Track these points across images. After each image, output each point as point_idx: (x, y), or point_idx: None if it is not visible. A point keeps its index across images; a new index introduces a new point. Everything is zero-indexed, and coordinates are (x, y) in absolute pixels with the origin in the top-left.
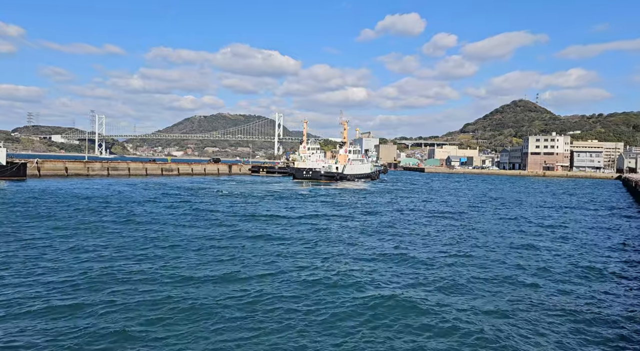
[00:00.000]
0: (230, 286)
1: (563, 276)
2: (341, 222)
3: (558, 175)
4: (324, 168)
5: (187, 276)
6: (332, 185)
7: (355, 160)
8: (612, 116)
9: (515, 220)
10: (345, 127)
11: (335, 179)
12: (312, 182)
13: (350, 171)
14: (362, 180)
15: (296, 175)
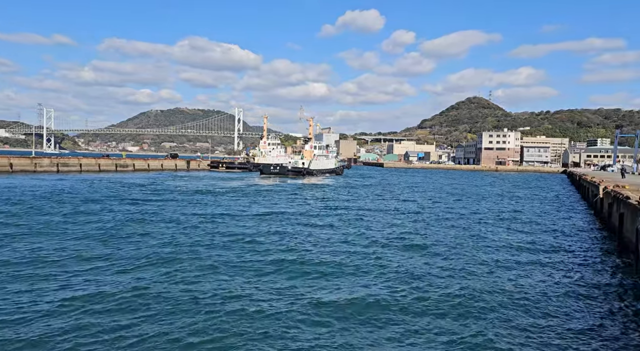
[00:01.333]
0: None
1: (517, 266)
2: (309, 221)
3: (509, 170)
4: (291, 164)
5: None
6: (299, 181)
7: (320, 155)
8: (559, 113)
9: (472, 212)
10: (311, 123)
11: (302, 174)
12: (279, 177)
13: (316, 166)
14: (328, 175)
15: (264, 170)
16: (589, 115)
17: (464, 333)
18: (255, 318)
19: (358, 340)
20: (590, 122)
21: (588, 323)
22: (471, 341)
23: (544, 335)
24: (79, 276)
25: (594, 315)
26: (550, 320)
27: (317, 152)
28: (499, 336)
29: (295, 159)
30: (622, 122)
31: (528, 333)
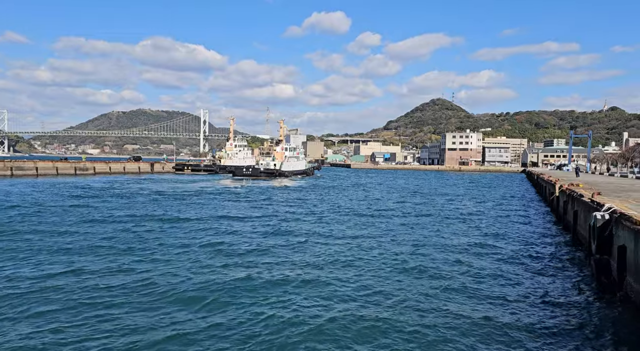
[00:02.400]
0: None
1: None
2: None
3: (472, 170)
4: (263, 165)
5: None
6: (270, 182)
7: (291, 157)
8: (518, 114)
9: (434, 212)
10: (282, 125)
11: (274, 175)
12: (251, 178)
13: (288, 168)
14: (299, 177)
15: (236, 172)
16: (546, 117)
17: (424, 330)
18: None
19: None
20: (546, 123)
21: (544, 308)
22: (430, 339)
23: (502, 323)
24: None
25: (550, 301)
26: (509, 308)
27: (288, 154)
28: (456, 330)
29: (267, 161)
30: (576, 123)
31: (486, 322)
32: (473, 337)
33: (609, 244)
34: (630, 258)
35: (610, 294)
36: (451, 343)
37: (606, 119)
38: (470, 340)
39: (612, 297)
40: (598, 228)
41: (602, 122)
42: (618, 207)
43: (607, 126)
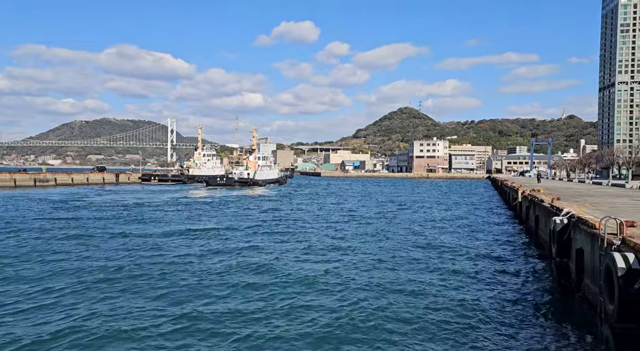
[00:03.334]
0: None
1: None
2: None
3: (439, 177)
4: (236, 175)
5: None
6: (244, 191)
7: (264, 166)
8: (482, 122)
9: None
10: (254, 134)
11: (249, 184)
12: (226, 188)
13: (261, 177)
14: (273, 185)
15: (210, 182)
16: (509, 125)
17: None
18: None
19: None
20: (509, 130)
21: (507, 310)
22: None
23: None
24: None
25: (513, 303)
26: (475, 305)
27: (261, 163)
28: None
29: (240, 170)
30: (537, 131)
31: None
32: (439, 336)
33: (567, 247)
34: (587, 261)
35: (569, 295)
36: (417, 341)
37: (565, 127)
38: (435, 339)
39: (572, 298)
40: (557, 232)
41: (561, 130)
42: (576, 211)
43: (566, 133)
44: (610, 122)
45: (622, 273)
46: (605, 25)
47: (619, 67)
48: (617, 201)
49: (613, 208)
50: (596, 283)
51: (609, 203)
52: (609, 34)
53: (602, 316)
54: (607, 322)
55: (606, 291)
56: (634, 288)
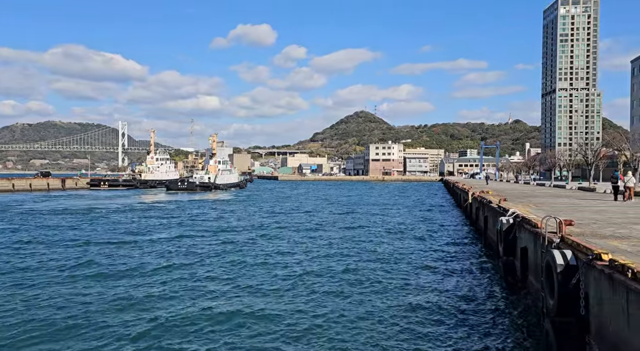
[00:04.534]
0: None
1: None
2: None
3: (394, 179)
4: (197, 179)
5: None
6: (206, 196)
7: (224, 170)
8: (435, 126)
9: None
10: (214, 139)
11: (210, 189)
12: (187, 192)
13: (222, 181)
14: (233, 189)
15: (170, 186)
16: (460, 128)
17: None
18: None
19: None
20: (460, 134)
21: (456, 308)
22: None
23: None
24: None
25: (462, 301)
26: (426, 302)
27: (222, 167)
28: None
29: (201, 174)
30: (486, 135)
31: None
32: (387, 335)
33: (513, 246)
34: (531, 259)
35: (515, 292)
36: (363, 340)
37: (511, 131)
38: (383, 338)
39: (517, 295)
40: (504, 232)
41: (508, 134)
42: (520, 211)
43: (512, 137)
44: (552, 126)
45: (561, 269)
46: (547, 35)
47: (559, 74)
48: (558, 201)
49: (554, 207)
50: (539, 280)
51: (550, 203)
52: (550, 44)
53: (544, 311)
54: (548, 316)
55: (547, 287)
56: (571, 283)
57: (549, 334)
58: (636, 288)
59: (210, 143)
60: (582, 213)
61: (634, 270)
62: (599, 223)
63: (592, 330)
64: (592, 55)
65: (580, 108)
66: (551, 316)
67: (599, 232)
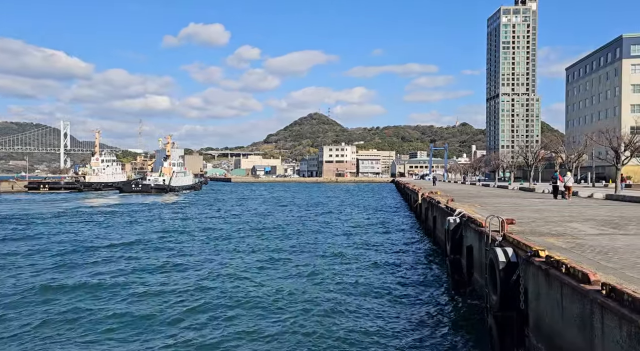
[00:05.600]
0: None
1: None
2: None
3: (348, 181)
4: (152, 181)
5: None
6: (161, 198)
7: (179, 172)
8: (387, 129)
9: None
10: (169, 140)
11: (165, 191)
12: (141, 194)
13: (177, 183)
14: (188, 191)
15: (124, 188)
16: (410, 131)
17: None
18: None
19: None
20: (411, 136)
21: (404, 306)
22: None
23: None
24: None
25: (411, 299)
26: (375, 303)
27: (176, 169)
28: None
29: (155, 176)
30: (435, 137)
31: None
32: (339, 336)
33: (460, 245)
34: (476, 257)
35: (462, 289)
36: (310, 340)
37: (458, 134)
38: (332, 336)
39: (463, 292)
40: (451, 231)
41: (455, 136)
42: (467, 211)
43: (460, 140)
44: (496, 129)
45: (503, 266)
46: (490, 42)
47: (502, 80)
48: (501, 201)
49: (497, 207)
50: (483, 277)
51: (494, 203)
52: (493, 50)
53: (488, 306)
54: (491, 312)
55: (490, 283)
56: (512, 279)
57: (492, 328)
58: (569, 282)
59: (162, 144)
60: (522, 213)
61: (567, 265)
62: (538, 221)
63: (531, 323)
64: (531, 62)
65: (521, 112)
66: (494, 311)
67: (537, 230)
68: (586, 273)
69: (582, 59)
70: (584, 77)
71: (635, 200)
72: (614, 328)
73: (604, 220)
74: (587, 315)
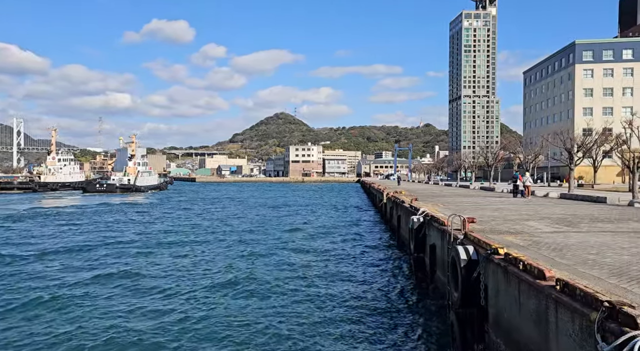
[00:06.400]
0: None
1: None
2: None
3: (314, 180)
4: (116, 181)
5: None
6: (128, 198)
7: (144, 172)
8: (353, 129)
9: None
10: (134, 140)
11: (131, 191)
12: (106, 194)
13: (142, 183)
14: (154, 191)
15: (88, 188)
16: (376, 131)
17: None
18: None
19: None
20: (376, 137)
21: (369, 303)
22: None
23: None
24: None
25: (375, 297)
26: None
27: (141, 169)
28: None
29: (119, 176)
30: (400, 137)
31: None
32: (302, 331)
33: (423, 243)
34: (439, 255)
35: (425, 287)
36: (277, 340)
37: (422, 134)
38: (298, 336)
39: (426, 289)
40: (415, 230)
41: (419, 137)
42: (430, 210)
43: (424, 140)
44: (458, 130)
45: (464, 263)
46: (452, 45)
47: (463, 82)
48: (463, 200)
49: (459, 206)
50: (445, 275)
51: (457, 202)
52: (456, 53)
53: (449, 303)
54: (453, 308)
55: (452, 280)
56: (473, 276)
57: (454, 325)
58: (526, 279)
59: (123, 143)
60: (483, 211)
61: (524, 262)
62: (497, 220)
63: (490, 319)
64: (491, 65)
65: (482, 114)
66: (455, 308)
67: (497, 228)
68: (542, 269)
69: (538, 63)
70: (540, 81)
71: (587, 198)
72: (567, 322)
73: (559, 218)
74: (542, 310)
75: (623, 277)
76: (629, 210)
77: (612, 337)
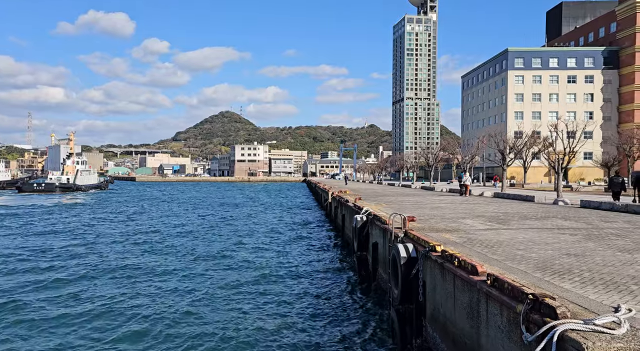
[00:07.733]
0: None
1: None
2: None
3: (260, 180)
4: (55, 179)
5: None
6: (66, 199)
7: (84, 170)
8: (299, 129)
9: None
10: (72, 137)
11: (71, 190)
12: (44, 194)
13: (82, 182)
14: (94, 191)
15: (24, 187)
16: (322, 131)
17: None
18: None
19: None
20: (322, 137)
21: (313, 301)
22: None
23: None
24: None
25: (319, 295)
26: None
27: (81, 167)
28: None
29: (57, 174)
30: (345, 138)
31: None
32: (242, 334)
33: (366, 242)
34: (380, 253)
35: (367, 285)
36: (226, 341)
37: (367, 135)
38: (248, 336)
39: (369, 287)
40: (358, 229)
41: (364, 137)
42: (373, 209)
43: (368, 141)
44: (401, 131)
45: (404, 261)
46: (396, 49)
47: (406, 84)
48: (405, 199)
49: (401, 205)
50: (386, 272)
51: (399, 202)
52: (399, 56)
53: (390, 300)
54: (394, 305)
55: (393, 278)
56: (412, 273)
57: (394, 321)
58: (461, 274)
59: (55, 140)
60: (423, 210)
61: (459, 258)
62: (436, 218)
63: (428, 314)
64: (432, 69)
65: (423, 116)
66: (395, 304)
67: (435, 226)
68: (475, 265)
69: (475, 68)
70: (477, 85)
71: (517, 197)
72: (496, 315)
73: (492, 216)
74: (474, 303)
75: (547, 271)
76: (553, 208)
77: (535, 327)
